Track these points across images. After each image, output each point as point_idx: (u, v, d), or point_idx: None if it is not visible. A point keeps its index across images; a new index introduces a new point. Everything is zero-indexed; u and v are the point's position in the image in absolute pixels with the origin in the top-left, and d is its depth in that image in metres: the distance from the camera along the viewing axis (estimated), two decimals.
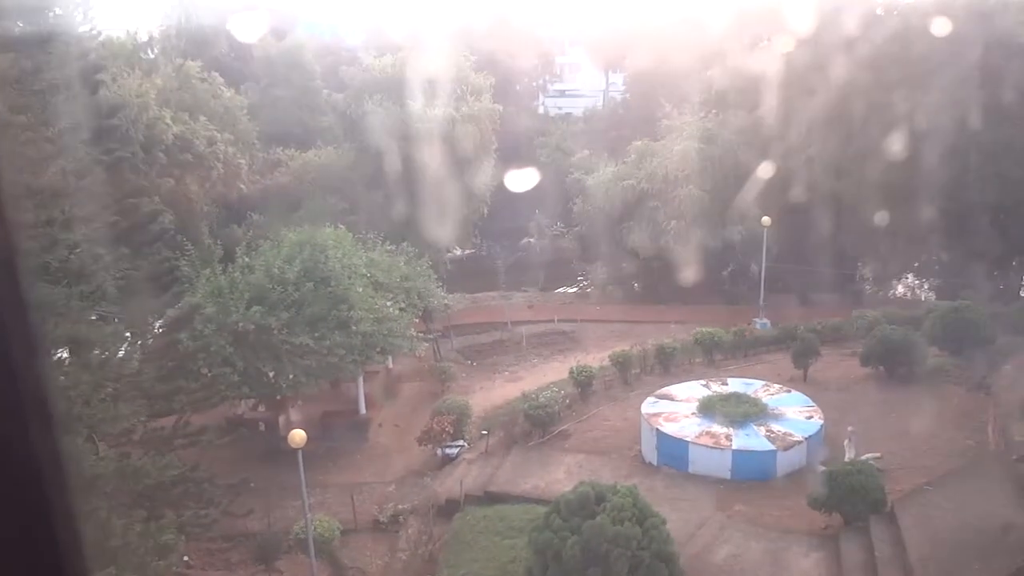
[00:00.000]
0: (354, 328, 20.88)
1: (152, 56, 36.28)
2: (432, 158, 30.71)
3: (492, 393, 24.86)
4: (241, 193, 28.12)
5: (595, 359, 24.97)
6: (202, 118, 26.93)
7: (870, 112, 28.88)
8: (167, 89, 28.59)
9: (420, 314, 24.75)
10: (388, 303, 22.27)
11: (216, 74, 31.62)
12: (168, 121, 25.56)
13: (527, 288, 35.87)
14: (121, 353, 14.76)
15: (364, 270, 23.00)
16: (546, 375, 25.31)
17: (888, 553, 13.03)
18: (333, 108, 32.95)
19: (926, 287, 39.59)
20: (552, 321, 29.97)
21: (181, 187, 26.22)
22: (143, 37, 35.65)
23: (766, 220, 27.54)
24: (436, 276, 26.21)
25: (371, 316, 21.37)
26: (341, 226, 23.92)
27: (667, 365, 23.55)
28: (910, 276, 39.79)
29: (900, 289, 39.39)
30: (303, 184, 31.67)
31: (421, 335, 23.37)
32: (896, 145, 27.22)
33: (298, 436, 14.75)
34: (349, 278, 21.73)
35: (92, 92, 18.47)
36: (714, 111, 34.81)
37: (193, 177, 26.55)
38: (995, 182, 28.09)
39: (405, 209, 30.93)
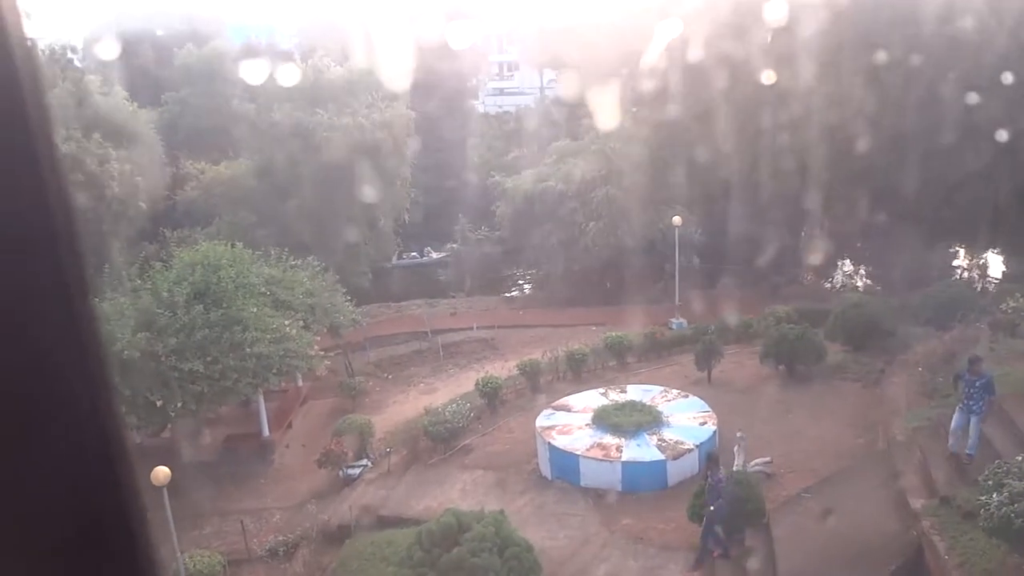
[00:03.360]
0: (248, 350, 20.29)
1: (79, 65, 35.38)
2: (343, 168, 30.14)
3: (405, 406, 24.36)
4: (141, 211, 27.28)
5: (510, 367, 24.60)
6: (96, 135, 26.03)
7: (785, 101, 28.90)
8: (63, 106, 27.66)
9: (325, 330, 24.18)
10: (287, 322, 21.66)
11: (119, 87, 30.68)
12: (55, 141, 24.65)
13: (454, 294, 35.47)
14: None
15: (263, 288, 22.44)
16: (461, 385, 24.82)
17: (759, 568, 12.78)
18: (244, 117, 32.18)
19: (862, 274, 39.89)
20: (471, 328, 29.54)
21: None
22: (61, 46, 34.68)
23: (677, 220, 27.39)
24: (345, 290, 25.66)
25: (267, 337, 20.78)
26: (238, 243, 23.23)
27: (578, 371, 23.24)
28: (847, 263, 40.03)
29: (838, 278, 39.49)
30: (212, 198, 30.94)
31: (323, 353, 22.78)
32: (812, 133, 27.39)
33: (161, 474, 14.16)
34: (243, 298, 21.14)
35: None
36: (634, 109, 34.58)
37: (86, 197, 25.68)
38: (915, 169, 28.09)
39: (318, 221, 30.39)
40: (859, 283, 38.54)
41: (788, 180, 30.03)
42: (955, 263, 36.81)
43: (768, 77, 28.42)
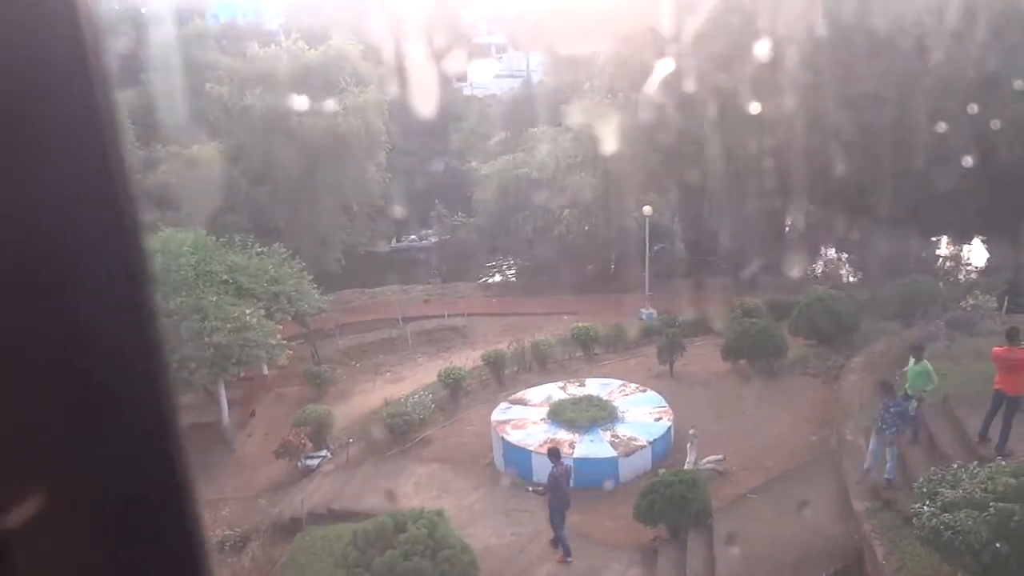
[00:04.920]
0: (207, 340, 20.10)
1: None
2: (315, 153, 29.86)
3: (371, 396, 24.17)
4: None
5: (479, 357, 24.43)
6: None
7: (766, 90, 28.64)
8: None
9: (290, 318, 23.98)
10: (248, 310, 21.44)
11: None
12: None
13: (430, 281, 35.26)
14: None
15: (226, 276, 22.24)
16: (429, 374, 24.61)
17: (699, 569, 12.67)
18: (218, 101, 31.78)
19: (843, 263, 39.74)
20: (443, 316, 29.36)
21: None
22: None
23: (647, 209, 27.21)
24: (312, 276, 25.42)
25: (227, 326, 20.58)
26: (202, 230, 23.01)
27: (544, 362, 23.07)
28: (830, 252, 39.84)
29: (818, 268, 39.29)
30: (184, 182, 30.56)
31: (286, 341, 22.57)
32: (793, 124, 27.18)
33: None
34: (204, 286, 20.94)
35: None
36: (620, 94, 34.19)
37: None
38: (895, 158, 27.78)
39: (289, 206, 30.14)
40: (842, 272, 38.46)
41: (768, 169, 29.85)
42: (937, 252, 36.68)
43: (751, 70, 28.17)
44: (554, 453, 13.88)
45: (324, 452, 20.39)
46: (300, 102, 29.73)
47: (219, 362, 20.33)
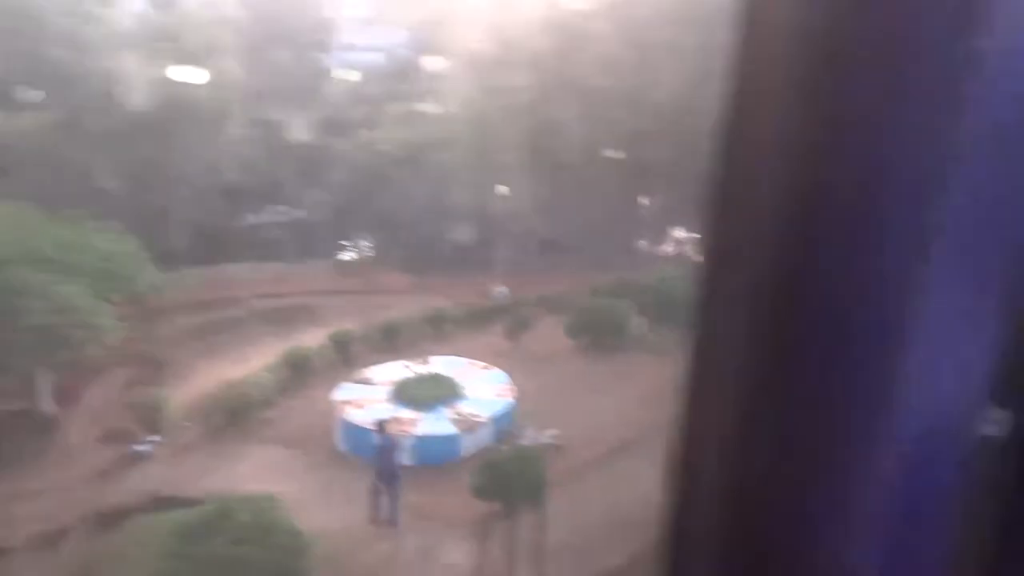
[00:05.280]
0: (25, 322, 18.71)
1: None
2: (161, 123, 28.36)
3: (211, 377, 23.14)
4: None
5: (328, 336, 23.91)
6: None
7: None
8: None
9: (124, 298, 22.66)
10: (75, 289, 20.08)
11: None
12: None
13: (283, 258, 34.14)
14: None
15: (51, 252, 20.78)
16: (275, 355, 23.90)
17: (531, 541, 12.81)
18: (55, 64, 29.55)
19: (695, 243, 40.98)
20: (294, 295, 28.54)
21: None
22: None
23: (503, 189, 27.28)
24: (150, 254, 24.08)
25: (49, 306, 19.21)
26: (26, 203, 21.41)
27: (394, 342, 22.79)
28: (682, 232, 41.12)
29: (670, 247, 40.40)
30: (10, 154, 28.37)
31: (120, 322, 21.29)
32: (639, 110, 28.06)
33: None
34: (24, 263, 19.47)
35: None
36: (482, 72, 34.03)
37: None
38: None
39: (131, 180, 28.58)
40: (690, 251, 39.68)
41: (619, 151, 30.80)
42: None
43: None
44: (379, 425, 13.95)
45: (157, 437, 19.44)
46: (145, 69, 28.10)
47: (39, 345, 18.98)
